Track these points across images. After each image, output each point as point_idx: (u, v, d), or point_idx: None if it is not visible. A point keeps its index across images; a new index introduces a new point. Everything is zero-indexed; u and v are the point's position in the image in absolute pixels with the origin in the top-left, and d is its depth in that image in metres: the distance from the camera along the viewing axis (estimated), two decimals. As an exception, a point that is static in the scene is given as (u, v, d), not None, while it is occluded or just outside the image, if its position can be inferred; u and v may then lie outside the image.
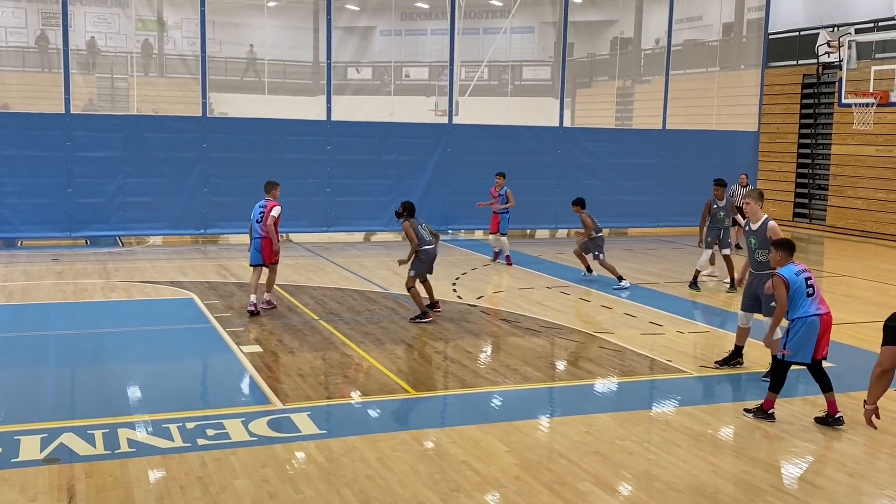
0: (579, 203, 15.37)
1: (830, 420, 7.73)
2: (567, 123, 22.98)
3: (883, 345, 5.07)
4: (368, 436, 7.25)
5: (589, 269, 15.30)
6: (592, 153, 21.92)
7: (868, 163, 22.63)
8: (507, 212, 16.87)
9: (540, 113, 22.80)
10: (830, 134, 24.01)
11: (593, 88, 29.92)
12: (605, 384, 9.14)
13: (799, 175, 25.10)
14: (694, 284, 14.56)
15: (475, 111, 22.19)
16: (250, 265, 12.21)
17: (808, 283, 7.85)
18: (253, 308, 11.79)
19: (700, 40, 26.54)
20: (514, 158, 21.05)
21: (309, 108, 21.33)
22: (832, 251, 20.72)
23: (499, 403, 8.48)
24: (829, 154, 24.04)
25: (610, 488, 6.31)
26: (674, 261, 17.94)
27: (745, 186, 18.73)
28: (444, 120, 21.26)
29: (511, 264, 16.62)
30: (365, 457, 6.77)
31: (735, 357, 9.68)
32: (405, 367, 9.44)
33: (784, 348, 7.74)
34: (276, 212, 12.04)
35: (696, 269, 14.75)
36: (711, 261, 15.84)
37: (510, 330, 11.42)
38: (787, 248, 8.05)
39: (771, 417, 7.87)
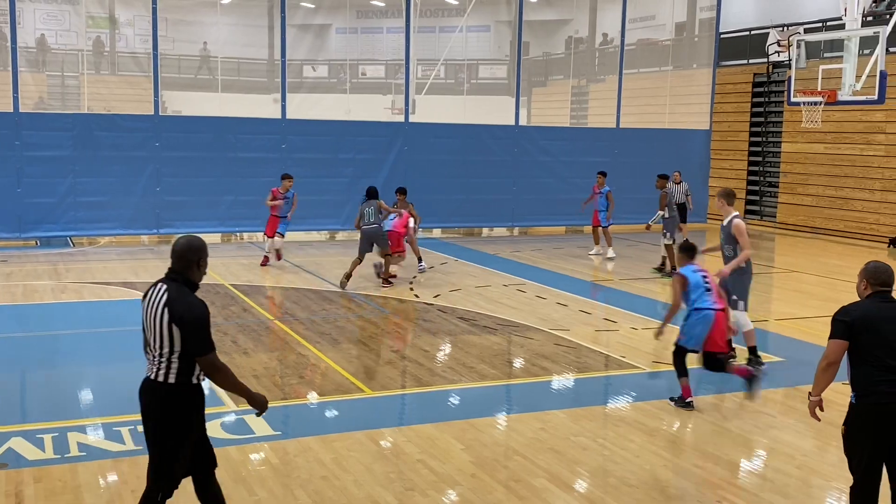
0: (402, 192, 15.51)
1: (678, 401, 8.27)
2: (523, 122, 23.10)
3: (830, 338, 5.15)
4: (324, 436, 7.22)
5: (420, 259, 15.52)
6: (548, 152, 22.05)
7: (817, 160, 23.05)
8: (286, 215, 15.70)
9: (496, 111, 22.88)
10: (780, 132, 24.41)
11: (549, 87, 30.11)
12: (560, 381, 9.21)
13: (750, 172, 25.48)
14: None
15: (432, 110, 22.22)
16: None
17: (706, 280, 8.31)
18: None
19: (653, 40, 26.85)
20: (470, 157, 21.12)
21: (264, 106, 21.17)
22: (783, 247, 21.09)
23: (455, 402, 8.51)
24: (780, 152, 24.44)
25: (564, 484, 6.36)
26: (628, 258, 18.11)
27: (679, 183, 19.38)
28: (401, 118, 21.24)
29: (266, 265, 15.83)
30: (320, 457, 6.74)
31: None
32: (361, 366, 9.41)
33: (681, 334, 8.22)
34: (411, 222, 14.63)
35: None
36: (596, 240, 17.89)
37: (467, 328, 11.45)
38: (686, 252, 8.60)
39: (689, 406, 8.18)
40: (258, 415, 5.04)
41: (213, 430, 7.22)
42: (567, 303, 13.16)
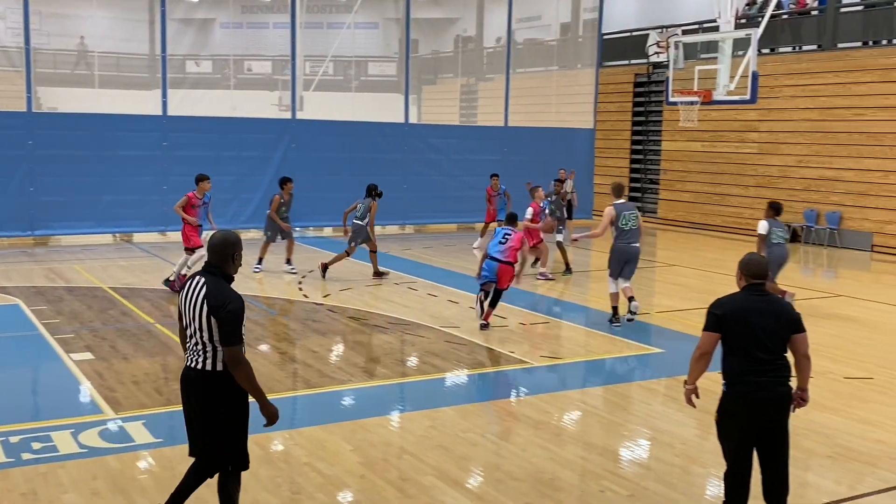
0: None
1: (483, 325, 11.18)
2: (413, 120, 23.14)
3: (704, 329, 5.33)
4: (208, 441, 7.02)
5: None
6: (438, 149, 22.15)
7: (695, 158, 23.92)
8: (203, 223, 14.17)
9: (386, 109, 22.85)
10: (660, 131, 25.23)
11: (438, 85, 30.23)
12: (450, 378, 9.25)
13: (633, 170, 26.24)
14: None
15: (320, 106, 21.99)
16: None
17: (504, 237, 11.15)
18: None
19: (539, 40, 27.30)
20: (360, 154, 21.00)
21: (144, 103, 20.52)
22: (663, 242, 21.78)
23: (344, 402, 8.43)
24: (660, 150, 25.26)
25: (453, 481, 6.38)
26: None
27: (563, 181, 19.87)
28: (288, 115, 20.94)
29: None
30: (204, 463, 6.55)
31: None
32: (248, 368, 9.20)
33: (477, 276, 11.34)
34: (528, 213, 14.62)
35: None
36: (483, 233, 18.35)
37: (357, 328, 11.37)
38: (508, 219, 11.80)
39: (486, 327, 11.21)
40: (266, 426, 5.15)
41: (91, 439, 6.97)
42: (458, 300, 13.24)
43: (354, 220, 14.71)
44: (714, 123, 22.70)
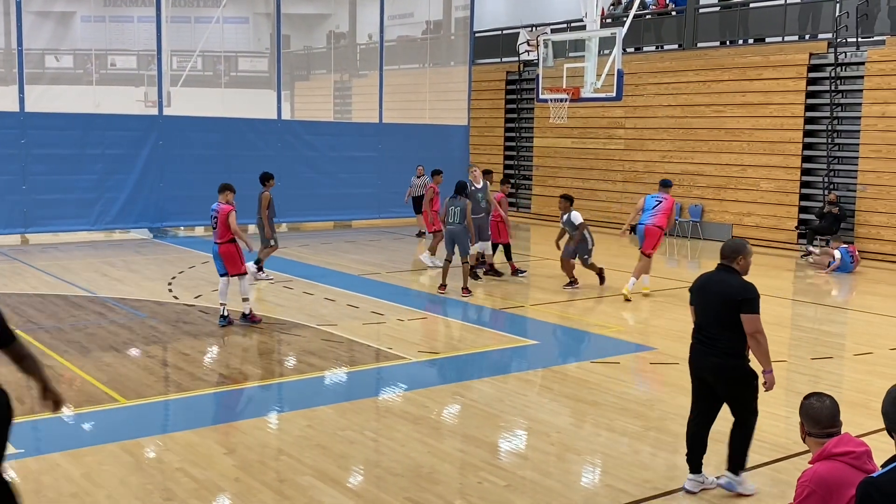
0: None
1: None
2: (286, 116, 22.81)
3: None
4: (72, 451, 6.73)
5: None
6: (313, 146, 21.90)
7: (565, 154, 24.50)
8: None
9: (258, 105, 22.46)
10: (532, 127, 25.72)
11: (311, 81, 29.93)
12: (328, 376, 9.16)
13: (506, 166, 26.65)
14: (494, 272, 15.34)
15: (189, 102, 21.42)
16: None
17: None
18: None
19: (411, 37, 27.39)
20: (232, 152, 20.54)
21: (0, 99, 19.50)
22: (538, 237, 22.22)
23: (219, 405, 8.23)
24: (532, 146, 25.75)
25: (331, 480, 6.32)
26: (395, 251, 18.39)
27: (421, 177, 20.00)
28: (155, 111, 20.28)
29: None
30: (69, 474, 6.28)
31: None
32: (115, 374, 8.87)
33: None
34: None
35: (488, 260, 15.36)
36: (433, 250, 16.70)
37: (231, 328, 11.12)
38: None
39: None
40: None
41: (-59, 454, 6.55)
42: (335, 298, 13.14)
43: (449, 227, 13.56)
44: (582, 120, 23.30)
